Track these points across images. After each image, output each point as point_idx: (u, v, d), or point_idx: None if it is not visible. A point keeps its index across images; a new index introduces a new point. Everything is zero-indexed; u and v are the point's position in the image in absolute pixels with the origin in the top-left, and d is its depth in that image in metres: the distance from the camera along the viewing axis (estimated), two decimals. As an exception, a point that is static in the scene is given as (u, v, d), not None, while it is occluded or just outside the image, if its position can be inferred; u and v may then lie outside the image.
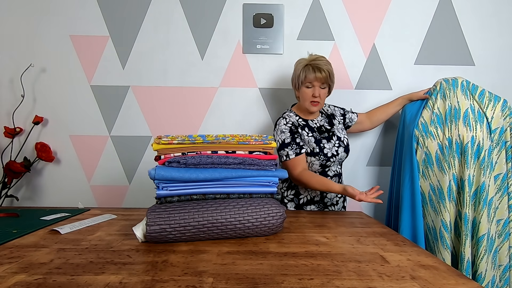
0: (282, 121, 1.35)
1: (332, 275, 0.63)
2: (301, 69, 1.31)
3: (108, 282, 0.59)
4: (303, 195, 1.36)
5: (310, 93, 1.31)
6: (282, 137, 1.31)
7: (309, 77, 1.29)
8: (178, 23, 1.67)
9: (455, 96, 1.35)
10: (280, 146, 1.31)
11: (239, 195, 0.87)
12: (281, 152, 1.31)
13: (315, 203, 1.37)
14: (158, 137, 0.89)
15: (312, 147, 1.32)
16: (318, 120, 1.42)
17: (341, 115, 1.50)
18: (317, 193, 1.36)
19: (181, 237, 0.80)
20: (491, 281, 1.29)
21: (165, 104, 1.69)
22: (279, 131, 1.33)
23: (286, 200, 1.38)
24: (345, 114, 1.51)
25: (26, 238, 0.85)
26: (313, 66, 1.29)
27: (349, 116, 1.51)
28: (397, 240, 0.87)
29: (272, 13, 1.66)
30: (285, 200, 1.38)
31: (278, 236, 0.88)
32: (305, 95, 1.32)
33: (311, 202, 1.36)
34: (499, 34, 1.68)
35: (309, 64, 1.30)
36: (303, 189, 1.36)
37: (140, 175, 1.70)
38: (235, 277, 0.61)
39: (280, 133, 1.32)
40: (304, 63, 1.32)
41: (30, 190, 1.70)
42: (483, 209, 1.27)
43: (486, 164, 1.29)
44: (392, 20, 1.68)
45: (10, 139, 1.63)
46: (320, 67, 1.29)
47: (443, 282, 0.60)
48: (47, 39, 1.65)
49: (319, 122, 1.42)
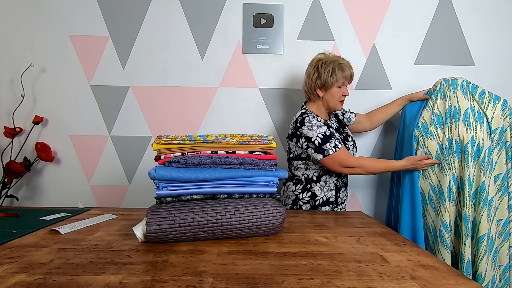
0: (311, 118, 1.29)
1: (332, 275, 0.63)
2: (333, 68, 1.29)
3: (108, 282, 0.59)
4: (319, 196, 1.35)
5: (340, 92, 1.33)
6: (321, 131, 1.26)
7: (344, 75, 1.30)
8: (178, 23, 1.67)
9: (455, 96, 1.35)
10: (323, 140, 1.24)
11: (239, 195, 0.87)
12: (326, 145, 1.24)
13: (330, 204, 1.36)
14: (158, 137, 0.89)
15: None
16: (334, 121, 1.45)
17: (341, 114, 1.52)
18: (332, 194, 1.36)
19: (181, 237, 0.80)
20: (491, 281, 1.29)
21: (165, 104, 1.69)
22: (315, 126, 1.27)
23: (301, 202, 1.36)
24: (344, 113, 1.52)
25: (26, 238, 0.85)
26: (346, 65, 1.31)
27: (347, 115, 1.52)
28: (397, 240, 0.87)
29: (272, 13, 1.66)
30: (300, 202, 1.36)
31: (278, 236, 0.88)
32: (336, 94, 1.33)
33: (326, 203, 1.35)
34: (499, 34, 1.68)
35: (340, 63, 1.30)
36: (319, 190, 1.35)
37: (140, 175, 1.70)
38: (235, 277, 0.61)
39: (317, 128, 1.26)
40: (334, 62, 1.30)
41: (30, 190, 1.70)
42: (483, 209, 1.27)
43: (486, 164, 1.29)
44: (392, 20, 1.68)
45: (10, 139, 1.63)
46: (350, 66, 1.32)
47: (443, 282, 0.60)
48: (47, 39, 1.65)
49: (335, 124, 1.44)
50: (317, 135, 1.25)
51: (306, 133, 1.27)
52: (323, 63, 1.31)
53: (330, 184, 1.35)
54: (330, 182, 1.35)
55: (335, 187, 1.36)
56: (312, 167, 1.35)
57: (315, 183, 1.35)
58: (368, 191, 1.74)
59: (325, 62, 1.31)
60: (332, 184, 1.36)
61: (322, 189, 1.35)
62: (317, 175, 1.35)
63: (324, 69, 1.30)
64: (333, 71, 1.29)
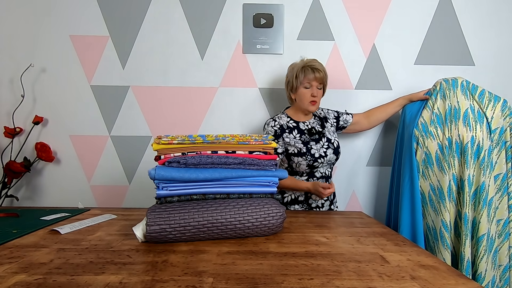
0: (271, 122, 1.39)
1: (332, 275, 0.63)
2: (298, 71, 1.37)
3: (108, 282, 0.59)
4: (288, 193, 1.38)
5: (309, 93, 1.37)
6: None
7: (308, 77, 1.35)
8: (178, 23, 1.67)
9: (455, 96, 1.35)
10: None
11: (239, 195, 0.87)
12: None
13: (299, 203, 1.38)
14: (158, 137, 0.89)
15: (299, 148, 1.33)
16: (310, 122, 1.45)
17: (335, 117, 1.52)
18: (301, 193, 1.37)
19: (181, 237, 0.80)
20: (491, 281, 1.29)
21: (165, 104, 1.69)
22: (266, 132, 1.40)
23: None
24: (339, 116, 1.53)
25: (26, 238, 0.85)
26: (311, 67, 1.36)
27: (344, 118, 1.52)
28: (397, 240, 0.87)
29: (272, 13, 1.66)
30: None
31: (278, 236, 0.88)
32: (303, 95, 1.37)
33: (295, 202, 1.37)
34: (499, 34, 1.68)
35: (306, 65, 1.37)
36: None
37: (140, 175, 1.70)
38: (235, 277, 0.61)
39: (265, 134, 1.37)
40: (300, 65, 1.38)
41: (30, 190, 1.70)
42: (483, 209, 1.27)
43: (486, 164, 1.29)
44: (392, 20, 1.68)
45: (10, 139, 1.63)
46: (317, 68, 1.36)
47: (443, 282, 0.60)
48: (47, 39, 1.65)
49: (311, 124, 1.45)
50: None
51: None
52: (292, 68, 1.41)
53: None
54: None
55: None
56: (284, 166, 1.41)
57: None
58: (368, 191, 1.74)
59: (293, 68, 1.40)
60: None
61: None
62: None
63: (289, 72, 1.41)
64: (299, 73, 1.36)
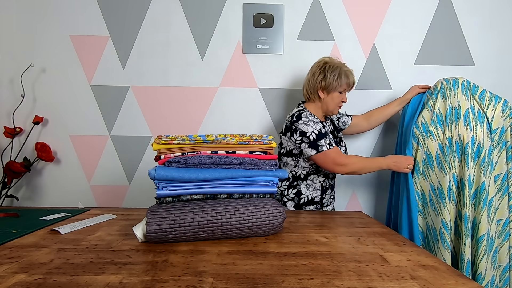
0: (308, 114, 1.31)
1: (332, 275, 0.63)
2: (342, 73, 1.33)
3: (108, 282, 0.59)
4: (304, 195, 1.36)
5: (340, 98, 1.36)
6: (317, 127, 1.28)
7: (349, 83, 1.35)
8: (178, 23, 1.67)
9: (456, 96, 1.35)
10: (318, 136, 1.26)
11: (239, 195, 0.87)
12: (320, 141, 1.26)
13: (315, 204, 1.37)
14: (158, 137, 0.89)
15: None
16: (329, 123, 1.46)
17: (336, 118, 1.54)
18: (317, 194, 1.37)
19: (181, 237, 0.80)
20: (491, 281, 1.29)
21: (165, 104, 1.69)
22: (311, 121, 1.29)
23: (285, 199, 1.38)
24: (339, 118, 1.54)
25: (26, 238, 0.85)
26: (349, 72, 1.35)
27: (342, 119, 1.54)
28: (397, 240, 0.87)
29: (272, 13, 1.66)
30: (285, 199, 1.38)
31: (278, 236, 0.88)
32: (336, 99, 1.36)
33: (311, 203, 1.37)
34: (499, 34, 1.68)
35: (346, 70, 1.34)
36: (305, 188, 1.36)
37: (140, 175, 1.70)
38: (235, 277, 0.61)
39: (313, 124, 1.28)
40: (342, 68, 1.34)
41: (30, 190, 1.70)
42: (483, 209, 1.27)
43: (486, 164, 1.29)
44: (392, 20, 1.68)
45: (10, 139, 1.63)
46: (353, 74, 1.36)
47: (443, 282, 0.60)
48: (47, 39, 1.65)
49: (330, 126, 1.46)
50: (312, 130, 1.27)
51: (302, 128, 1.28)
52: (330, 66, 1.35)
53: (317, 184, 1.37)
54: (316, 182, 1.37)
55: (321, 187, 1.37)
56: (302, 164, 1.35)
57: (302, 181, 1.36)
58: (368, 191, 1.74)
59: (332, 66, 1.35)
60: (318, 184, 1.37)
61: (308, 188, 1.36)
62: (305, 173, 1.36)
63: (330, 72, 1.34)
64: (339, 75, 1.33)
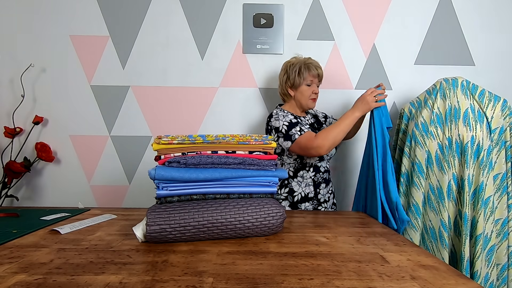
0: (278, 111, 1.36)
1: (332, 275, 0.63)
2: (301, 67, 1.38)
3: (108, 282, 0.59)
4: (297, 192, 1.37)
5: (310, 90, 1.40)
6: (287, 119, 1.31)
7: (312, 74, 1.38)
8: (178, 23, 1.67)
9: (455, 96, 1.35)
10: (289, 127, 1.29)
11: (239, 195, 0.87)
12: (291, 131, 1.28)
13: (309, 200, 1.37)
14: (158, 137, 0.89)
15: None
16: (308, 117, 1.48)
17: (323, 117, 1.55)
18: (310, 190, 1.37)
19: (181, 237, 0.80)
20: (485, 278, 1.29)
21: (165, 104, 1.69)
22: (281, 116, 1.33)
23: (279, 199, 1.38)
24: (326, 118, 1.55)
25: (26, 238, 0.85)
26: (313, 65, 1.39)
27: (329, 121, 1.55)
28: (397, 240, 0.87)
29: (272, 13, 1.66)
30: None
31: (278, 236, 0.88)
32: (306, 92, 1.39)
33: (306, 199, 1.37)
34: (499, 34, 1.68)
35: (307, 63, 1.38)
36: (297, 185, 1.36)
37: (140, 175, 1.70)
38: (235, 277, 0.61)
39: (283, 117, 1.32)
40: (302, 62, 1.39)
41: (30, 190, 1.70)
42: (481, 208, 1.27)
43: (485, 164, 1.29)
44: (392, 20, 1.68)
45: (10, 139, 1.63)
46: (319, 66, 1.40)
47: (443, 282, 0.60)
48: (47, 39, 1.65)
49: (310, 120, 1.48)
50: (283, 123, 1.31)
51: (274, 124, 1.33)
52: (291, 64, 1.41)
53: (308, 180, 1.37)
54: (307, 178, 1.37)
55: (313, 182, 1.38)
56: (287, 161, 1.37)
57: (292, 178, 1.37)
58: (368, 191, 1.74)
59: (293, 64, 1.41)
60: (310, 179, 1.37)
61: (300, 185, 1.36)
62: (293, 170, 1.37)
63: (291, 69, 1.40)
64: (299, 70, 1.38)
